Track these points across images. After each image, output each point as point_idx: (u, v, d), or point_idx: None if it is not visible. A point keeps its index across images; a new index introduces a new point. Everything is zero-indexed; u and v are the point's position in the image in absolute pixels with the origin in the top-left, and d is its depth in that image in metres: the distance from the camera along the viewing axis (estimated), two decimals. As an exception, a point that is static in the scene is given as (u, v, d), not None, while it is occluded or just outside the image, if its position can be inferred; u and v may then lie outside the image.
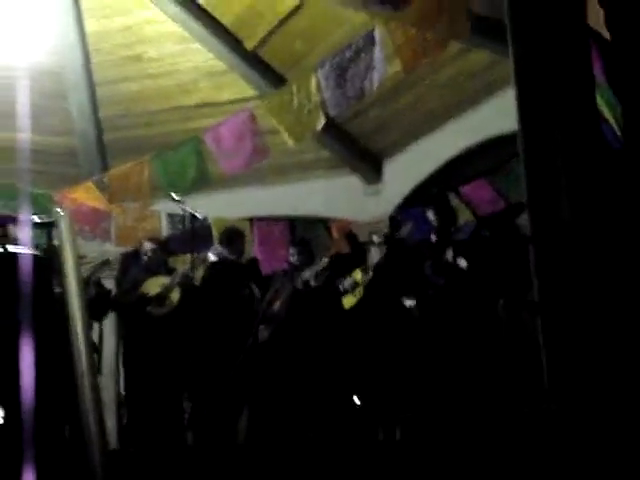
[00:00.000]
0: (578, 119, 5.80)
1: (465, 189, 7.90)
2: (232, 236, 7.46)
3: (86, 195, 7.37)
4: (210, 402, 6.63)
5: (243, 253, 7.55)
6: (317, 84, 6.12)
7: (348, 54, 6.00)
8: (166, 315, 7.09)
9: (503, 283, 5.93)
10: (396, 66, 6.10)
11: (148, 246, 7.47)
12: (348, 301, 6.85)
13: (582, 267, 5.23)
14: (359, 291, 6.80)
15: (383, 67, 5.93)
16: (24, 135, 9.54)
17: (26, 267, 4.31)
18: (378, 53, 5.89)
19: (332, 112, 6.20)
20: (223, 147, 6.66)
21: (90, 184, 7.47)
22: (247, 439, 6.67)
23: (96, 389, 3.83)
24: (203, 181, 6.96)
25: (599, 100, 5.26)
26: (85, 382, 3.82)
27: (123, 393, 7.62)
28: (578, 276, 5.23)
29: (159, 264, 7.45)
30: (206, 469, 4.79)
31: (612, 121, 5.39)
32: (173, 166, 6.93)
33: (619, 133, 5.26)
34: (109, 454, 3.78)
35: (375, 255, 6.81)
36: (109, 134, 9.82)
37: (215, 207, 8.53)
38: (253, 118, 6.55)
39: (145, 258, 7.43)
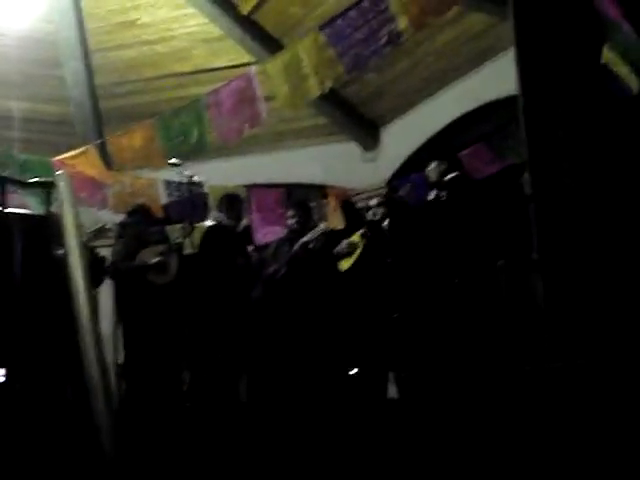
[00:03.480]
0: (579, 80, 5.79)
1: (464, 154, 7.88)
2: (232, 202, 7.41)
3: (85, 160, 7.31)
4: (209, 368, 6.62)
5: (241, 219, 7.52)
6: (321, 46, 6.07)
7: (353, 14, 5.95)
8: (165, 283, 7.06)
9: (504, 243, 5.93)
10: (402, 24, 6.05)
11: (135, 212, 7.42)
12: (345, 263, 6.85)
13: (582, 225, 5.24)
14: (356, 254, 6.79)
15: (395, 24, 5.89)
16: (18, 103, 9.49)
17: (26, 228, 4.30)
18: (387, 11, 5.85)
19: (350, 72, 6.18)
20: (223, 112, 6.62)
21: (91, 148, 7.41)
22: (247, 401, 6.68)
23: (100, 348, 3.82)
24: (205, 146, 6.91)
25: (613, 51, 5.20)
26: (88, 341, 3.80)
27: (120, 363, 7.60)
28: (578, 234, 5.24)
29: (148, 231, 7.39)
30: (206, 429, 4.80)
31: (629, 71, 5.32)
32: (175, 130, 6.88)
33: None
34: (114, 414, 3.78)
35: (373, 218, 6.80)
36: (104, 102, 9.72)
37: (211, 175, 8.48)
38: (252, 83, 6.50)
39: (133, 224, 7.37)
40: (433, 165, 6.40)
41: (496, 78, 8.02)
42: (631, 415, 3.89)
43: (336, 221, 7.99)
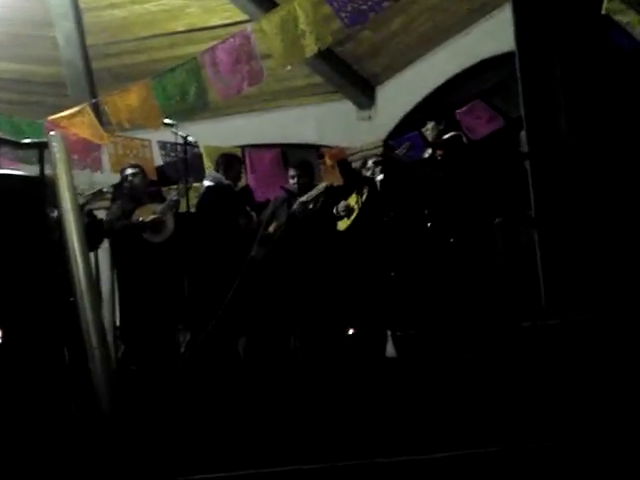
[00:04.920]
0: (577, 35, 5.75)
1: (461, 111, 7.84)
2: (230, 162, 7.37)
3: (81, 120, 7.24)
4: (208, 329, 6.62)
5: (240, 179, 7.48)
6: (318, 1, 6.01)
7: None
8: (161, 242, 7.04)
9: (501, 200, 5.91)
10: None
11: (129, 171, 7.37)
12: (343, 224, 6.83)
13: (579, 182, 5.24)
14: (354, 215, 6.77)
15: None
16: (9, 65, 9.40)
17: (19, 189, 4.25)
18: None
19: (348, 27, 6.15)
20: (220, 70, 6.55)
21: (86, 107, 7.33)
22: (246, 360, 6.70)
23: (97, 310, 3.81)
24: (204, 104, 6.85)
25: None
26: (84, 303, 3.78)
27: (119, 325, 7.61)
28: (575, 191, 5.24)
29: (143, 190, 7.36)
30: (204, 389, 4.80)
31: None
32: (172, 89, 6.80)
33: None
34: (112, 374, 3.78)
35: (370, 178, 6.76)
36: (96, 62, 9.68)
37: (205, 136, 8.43)
38: (250, 40, 6.43)
39: (127, 184, 7.33)
40: (430, 125, 6.34)
41: (491, 35, 7.97)
42: (627, 371, 3.91)
43: (334, 180, 7.96)
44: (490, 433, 3.56)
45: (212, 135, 8.89)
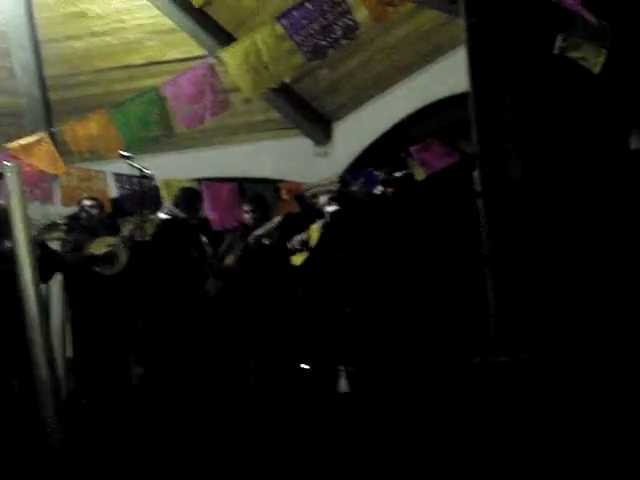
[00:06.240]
0: (529, 76, 5.88)
1: (416, 148, 7.95)
2: (189, 196, 7.39)
3: (39, 148, 7.17)
4: (161, 363, 6.59)
5: (198, 213, 7.50)
6: (279, 36, 6.08)
7: (309, 6, 5.97)
8: (114, 275, 7.00)
9: (453, 237, 5.99)
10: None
11: (87, 203, 7.34)
12: (297, 259, 6.87)
13: (531, 221, 5.33)
14: (308, 249, 6.82)
15: (351, 17, 5.95)
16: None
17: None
18: (344, 3, 5.91)
19: (310, 60, 6.22)
20: (182, 100, 6.56)
21: (45, 137, 7.28)
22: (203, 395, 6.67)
23: (48, 342, 3.79)
24: (166, 133, 6.83)
25: (570, 38, 5.28)
26: (35, 335, 3.76)
27: (71, 357, 7.52)
28: (527, 230, 5.32)
29: (99, 223, 7.32)
30: (157, 422, 4.78)
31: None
32: (134, 117, 6.78)
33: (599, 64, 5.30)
34: (62, 406, 3.75)
35: (325, 213, 6.81)
36: (54, 93, 9.63)
37: (163, 168, 8.42)
38: (213, 70, 6.46)
39: (84, 216, 7.29)
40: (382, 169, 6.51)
41: (447, 75, 8.11)
42: (575, 406, 3.97)
43: (290, 208, 7.99)
44: (439, 470, 3.59)
45: (169, 168, 8.89)
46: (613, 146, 5.59)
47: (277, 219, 6.92)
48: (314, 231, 6.80)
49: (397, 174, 6.33)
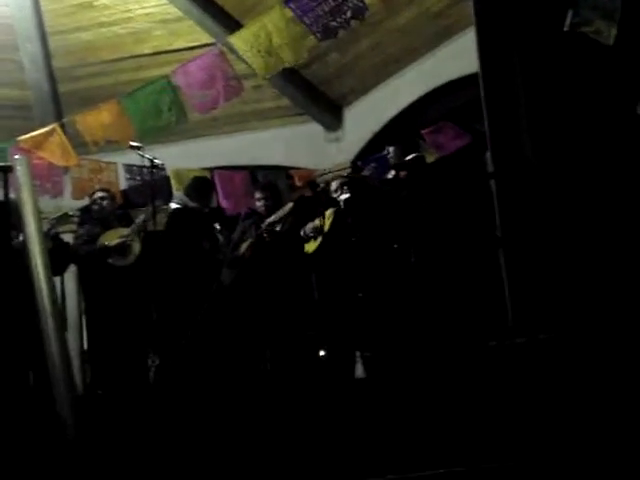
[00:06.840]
0: (539, 55, 5.81)
1: (428, 131, 7.90)
2: (201, 184, 7.38)
3: (51, 139, 7.17)
4: (176, 354, 6.58)
5: (210, 201, 7.48)
6: (289, 20, 6.05)
7: None
8: (128, 266, 7.00)
9: (467, 219, 5.95)
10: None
11: (99, 195, 7.33)
12: (310, 246, 6.83)
13: (544, 201, 5.28)
14: (321, 237, 6.78)
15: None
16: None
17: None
18: None
19: (322, 40, 6.20)
20: (194, 86, 6.54)
21: (57, 128, 7.27)
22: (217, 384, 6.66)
23: (61, 334, 3.78)
24: (179, 120, 6.81)
25: (582, 12, 5.20)
26: (49, 328, 3.75)
27: (86, 349, 7.54)
28: (540, 210, 5.28)
29: (111, 214, 7.31)
30: (172, 414, 4.77)
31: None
32: (146, 105, 6.76)
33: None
34: (77, 400, 3.75)
35: (338, 200, 6.78)
36: (63, 85, 9.64)
37: (174, 158, 8.42)
38: (223, 56, 6.43)
39: (96, 208, 7.28)
40: (391, 149, 6.44)
41: (456, 56, 8.05)
42: (592, 388, 3.93)
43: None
44: (457, 453, 3.57)
45: (180, 157, 8.88)
46: (626, 124, 5.52)
47: (289, 205, 6.88)
48: (327, 217, 6.75)
49: (409, 157, 6.28)
